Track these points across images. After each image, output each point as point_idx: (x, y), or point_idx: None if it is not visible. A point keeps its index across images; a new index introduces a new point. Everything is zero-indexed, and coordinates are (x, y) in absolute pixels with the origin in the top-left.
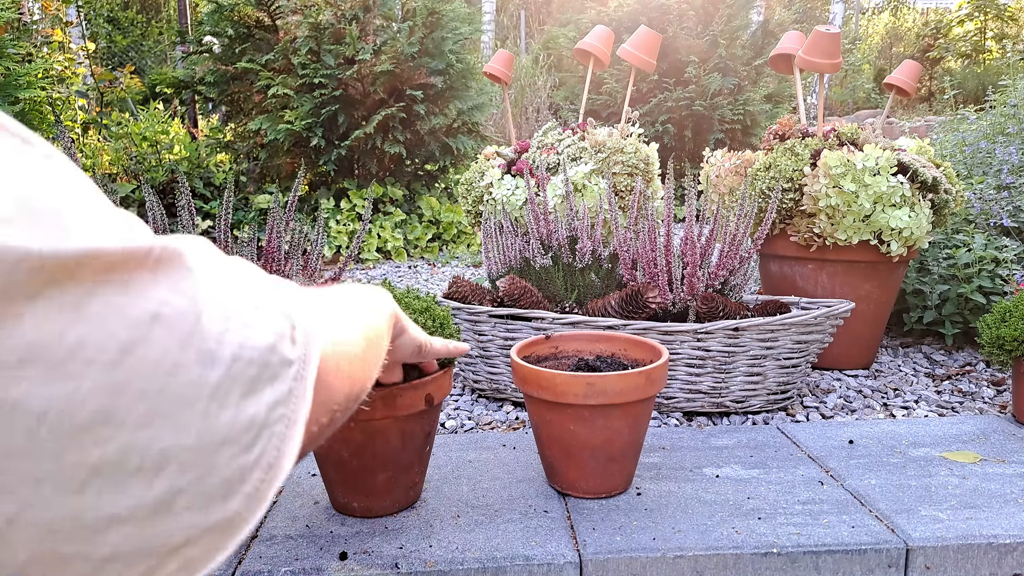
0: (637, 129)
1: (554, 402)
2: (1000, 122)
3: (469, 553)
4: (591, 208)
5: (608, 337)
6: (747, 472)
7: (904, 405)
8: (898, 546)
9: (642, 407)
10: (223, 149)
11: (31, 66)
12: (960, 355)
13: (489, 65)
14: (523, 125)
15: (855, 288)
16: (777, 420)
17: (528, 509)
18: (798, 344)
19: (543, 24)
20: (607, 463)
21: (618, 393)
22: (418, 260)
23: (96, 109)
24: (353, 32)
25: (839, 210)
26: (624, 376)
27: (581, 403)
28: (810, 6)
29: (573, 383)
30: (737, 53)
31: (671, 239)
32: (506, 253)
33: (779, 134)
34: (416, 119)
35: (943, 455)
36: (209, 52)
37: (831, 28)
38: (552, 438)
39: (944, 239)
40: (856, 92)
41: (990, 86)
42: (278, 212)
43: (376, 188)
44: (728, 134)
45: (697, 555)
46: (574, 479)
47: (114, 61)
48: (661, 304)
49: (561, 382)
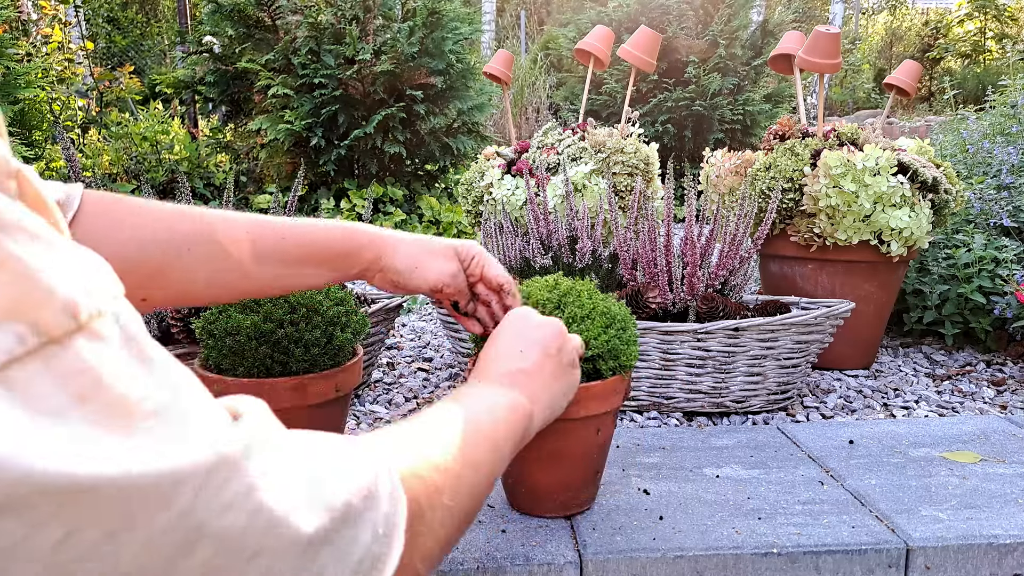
0: (637, 129)
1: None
2: (1000, 122)
3: (469, 553)
4: (591, 208)
5: None
6: (747, 472)
7: (904, 405)
8: (898, 546)
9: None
10: (223, 149)
11: (31, 66)
12: (960, 355)
13: (489, 65)
14: (523, 125)
15: (855, 288)
16: (777, 420)
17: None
18: (798, 344)
19: (543, 24)
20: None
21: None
22: None
23: (96, 109)
24: (353, 32)
25: (839, 210)
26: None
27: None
28: (810, 6)
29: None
30: (737, 53)
31: (671, 239)
32: (506, 253)
33: (779, 134)
34: (416, 119)
35: (943, 455)
36: (209, 52)
37: (831, 28)
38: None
39: (944, 239)
40: (856, 92)
41: (990, 86)
42: (278, 212)
43: (376, 188)
44: (728, 134)
45: (697, 555)
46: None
47: (114, 61)
48: (661, 304)
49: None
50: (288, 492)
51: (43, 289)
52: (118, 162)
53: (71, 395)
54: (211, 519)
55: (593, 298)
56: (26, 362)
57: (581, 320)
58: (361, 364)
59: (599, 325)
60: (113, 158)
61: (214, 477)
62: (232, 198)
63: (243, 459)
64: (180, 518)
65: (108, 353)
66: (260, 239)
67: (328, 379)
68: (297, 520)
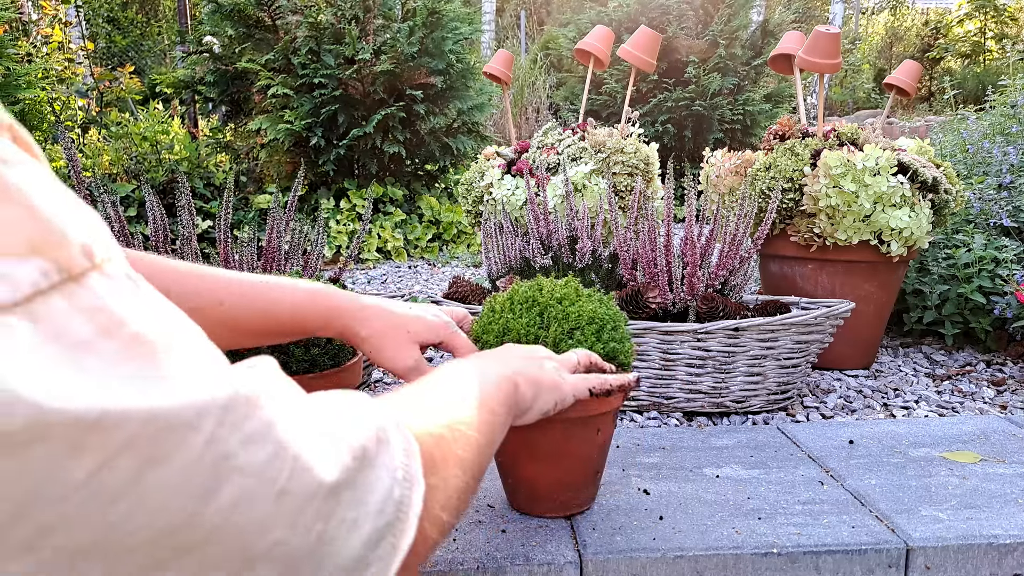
0: (637, 129)
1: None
2: (1000, 122)
3: (469, 553)
4: (591, 208)
5: None
6: (747, 472)
7: (904, 405)
8: (898, 546)
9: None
10: (223, 149)
11: (31, 66)
12: (960, 355)
13: (489, 65)
14: (523, 125)
15: (855, 288)
16: (777, 420)
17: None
18: (798, 344)
19: (543, 24)
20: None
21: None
22: (418, 260)
23: (96, 109)
24: (353, 32)
25: (839, 210)
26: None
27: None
28: (810, 6)
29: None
30: (737, 53)
31: (671, 239)
32: (506, 253)
33: (779, 134)
34: (416, 119)
35: (943, 455)
36: (209, 52)
37: (831, 28)
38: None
39: (944, 239)
40: (856, 92)
41: (990, 86)
42: (278, 212)
43: (376, 188)
44: (728, 134)
45: (697, 555)
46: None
47: (114, 61)
48: (661, 304)
49: None
50: (306, 433)
51: (60, 229)
52: (118, 162)
53: (94, 329)
54: (236, 450)
55: (576, 304)
56: (50, 296)
57: (570, 334)
58: (361, 364)
59: (590, 334)
60: (113, 158)
61: (234, 411)
62: (232, 198)
63: (260, 398)
64: (206, 447)
65: (122, 292)
66: (226, 309)
67: (328, 379)
68: (319, 460)
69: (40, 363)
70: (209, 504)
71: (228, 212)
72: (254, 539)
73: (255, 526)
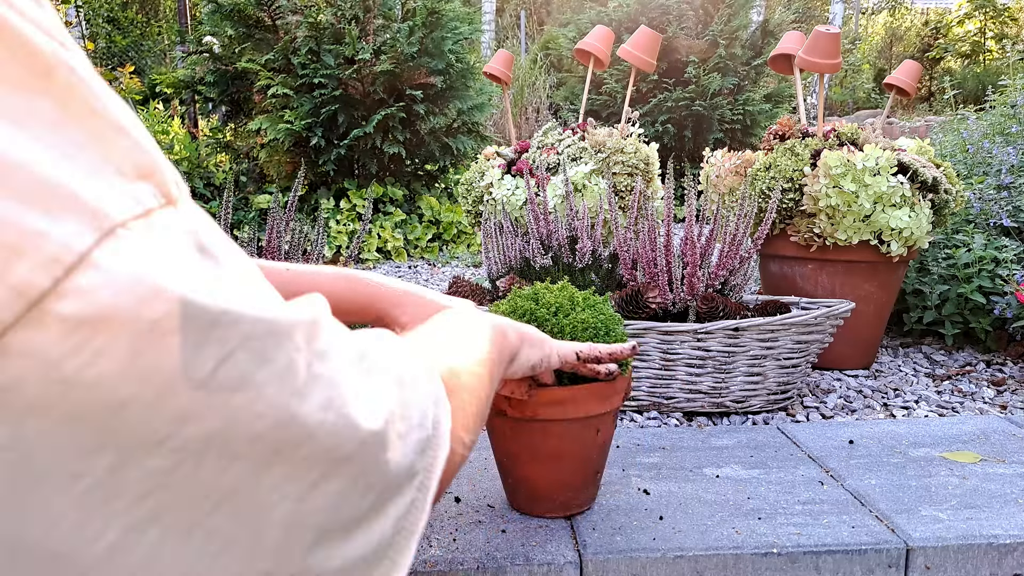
0: (637, 129)
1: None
2: (1000, 122)
3: (469, 553)
4: (591, 208)
5: None
6: (747, 472)
7: (904, 405)
8: (898, 546)
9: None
10: (223, 149)
11: None
12: (960, 355)
13: (489, 65)
14: (523, 125)
15: (855, 288)
16: (777, 420)
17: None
18: (798, 344)
19: (543, 24)
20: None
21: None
22: (418, 260)
23: None
24: (353, 32)
25: (839, 210)
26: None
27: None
28: (810, 6)
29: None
30: (737, 53)
31: (671, 239)
32: (506, 253)
33: (779, 134)
34: (416, 119)
35: (943, 455)
36: (209, 52)
37: (831, 28)
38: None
39: (944, 239)
40: (856, 92)
41: (990, 86)
42: (278, 212)
43: (376, 188)
44: (728, 134)
45: (697, 555)
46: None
47: (114, 61)
48: (661, 304)
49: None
50: (356, 359)
51: (160, 163)
52: None
53: (197, 246)
54: (315, 361)
55: (571, 316)
56: (165, 211)
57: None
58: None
59: (586, 340)
60: None
61: (314, 329)
62: (232, 198)
63: (328, 324)
64: (297, 353)
65: (206, 221)
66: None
67: None
68: (374, 379)
69: (171, 261)
70: (303, 405)
71: (228, 212)
72: (339, 442)
73: (338, 429)
